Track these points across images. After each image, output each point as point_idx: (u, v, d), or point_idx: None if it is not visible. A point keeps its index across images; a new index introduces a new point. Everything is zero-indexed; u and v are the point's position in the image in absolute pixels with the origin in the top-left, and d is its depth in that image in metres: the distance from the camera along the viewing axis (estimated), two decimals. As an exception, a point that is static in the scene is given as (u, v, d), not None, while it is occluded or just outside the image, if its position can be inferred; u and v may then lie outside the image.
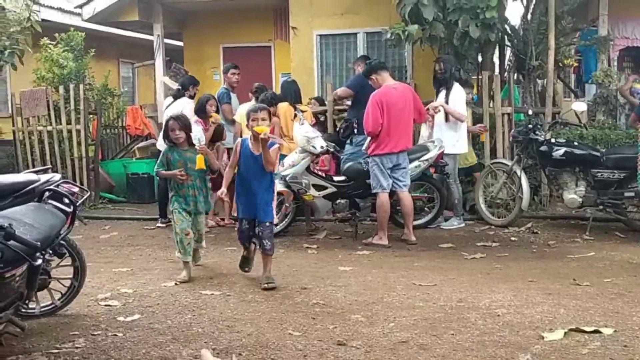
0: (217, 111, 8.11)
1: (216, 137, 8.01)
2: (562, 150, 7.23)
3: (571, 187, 7.27)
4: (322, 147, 7.09)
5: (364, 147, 7.13)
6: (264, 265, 5.25)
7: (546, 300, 4.54)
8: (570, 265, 5.83)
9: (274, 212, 5.31)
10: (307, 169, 7.20)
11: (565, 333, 3.82)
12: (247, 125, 5.28)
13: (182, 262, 5.54)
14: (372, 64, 7.16)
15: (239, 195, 5.30)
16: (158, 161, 5.73)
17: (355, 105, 7.98)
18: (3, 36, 9.59)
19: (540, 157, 7.45)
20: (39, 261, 3.64)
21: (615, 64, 10.27)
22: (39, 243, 3.50)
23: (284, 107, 7.75)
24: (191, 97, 8.48)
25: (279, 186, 7.18)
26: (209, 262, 6.21)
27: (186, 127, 5.61)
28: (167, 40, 12.28)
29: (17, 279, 3.57)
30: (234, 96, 8.82)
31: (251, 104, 7.92)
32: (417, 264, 5.97)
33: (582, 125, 8.42)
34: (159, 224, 8.24)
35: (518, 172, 7.55)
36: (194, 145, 5.69)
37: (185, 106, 8.09)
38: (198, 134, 6.96)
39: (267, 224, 5.20)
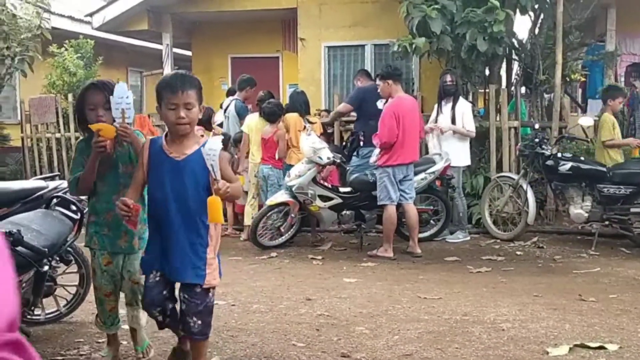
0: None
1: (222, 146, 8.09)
2: (569, 165, 7.22)
3: (577, 202, 7.25)
4: (328, 158, 7.10)
5: (371, 159, 7.11)
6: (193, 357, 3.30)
7: (551, 316, 4.53)
8: (576, 280, 5.81)
9: (214, 268, 3.18)
10: (313, 179, 7.22)
11: (570, 349, 3.80)
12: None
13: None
14: (393, 71, 6.92)
15: (149, 228, 3.23)
16: None
17: (361, 118, 8.02)
18: (13, 43, 9.69)
19: (546, 171, 7.45)
20: (46, 267, 3.67)
21: (622, 79, 10.28)
22: (46, 249, 3.53)
23: (293, 117, 7.79)
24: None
25: (284, 196, 7.21)
26: (213, 271, 6.20)
27: None
28: (175, 50, 12.36)
29: (24, 285, 3.59)
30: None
31: (257, 114, 7.98)
32: (422, 277, 5.96)
33: (589, 140, 8.42)
34: None
35: (524, 186, 7.55)
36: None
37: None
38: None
39: (198, 289, 3.10)
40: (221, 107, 9.31)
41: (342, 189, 7.47)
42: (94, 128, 3.13)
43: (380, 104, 7.33)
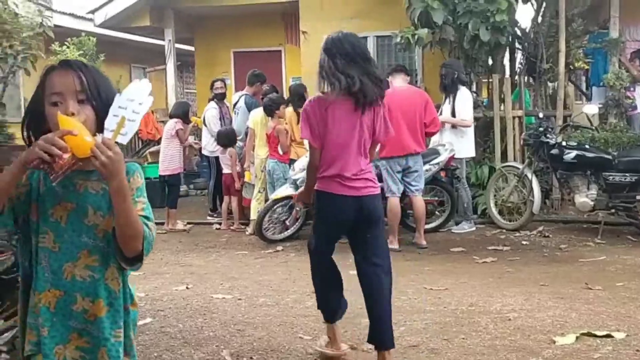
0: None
1: (229, 142, 8.16)
2: (574, 153, 7.20)
3: (583, 190, 7.23)
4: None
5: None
6: None
7: (558, 305, 4.53)
8: (582, 269, 5.80)
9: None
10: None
11: (577, 337, 3.81)
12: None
13: None
14: (392, 67, 7.36)
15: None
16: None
17: None
18: (16, 41, 9.69)
19: (551, 160, 7.43)
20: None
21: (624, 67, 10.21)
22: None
23: (289, 112, 7.79)
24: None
25: (289, 190, 7.21)
26: (219, 265, 6.23)
27: None
28: (178, 45, 12.35)
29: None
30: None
31: (261, 109, 7.97)
32: (427, 268, 5.96)
33: (594, 128, 8.38)
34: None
35: (529, 175, 7.53)
36: None
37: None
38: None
39: None
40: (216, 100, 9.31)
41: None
42: (62, 122, 1.70)
43: None
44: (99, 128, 1.84)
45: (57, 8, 12.53)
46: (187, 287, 5.32)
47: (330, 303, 3.80)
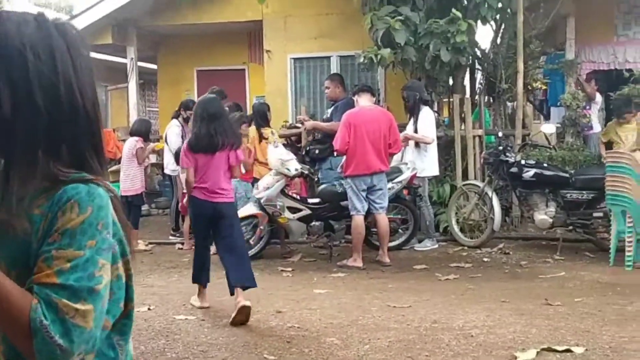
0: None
1: None
2: (532, 171, 7.35)
3: (542, 207, 7.38)
4: (296, 169, 7.11)
5: (338, 169, 7.21)
6: None
7: (519, 320, 4.60)
8: (542, 285, 5.91)
9: None
10: (282, 191, 7.21)
11: (538, 352, 3.87)
12: None
13: None
14: (358, 86, 7.58)
15: None
16: None
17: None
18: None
19: (511, 178, 7.56)
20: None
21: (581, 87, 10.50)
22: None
23: (252, 130, 7.79)
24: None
25: (253, 209, 7.19)
26: (182, 286, 6.15)
27: None
28: (141, 64, 12.26)
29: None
30: None
31: None
32: (391, 286, 5.99)
33: (552, 147, 8.59)
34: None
35: (489, 193, 7.65)
36: None
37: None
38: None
39: None
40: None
41: (310, 200, 7.48)
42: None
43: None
44: None
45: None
46: (148, 309, 5.24)
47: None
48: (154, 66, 13.11)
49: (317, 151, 8.23)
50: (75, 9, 18.91)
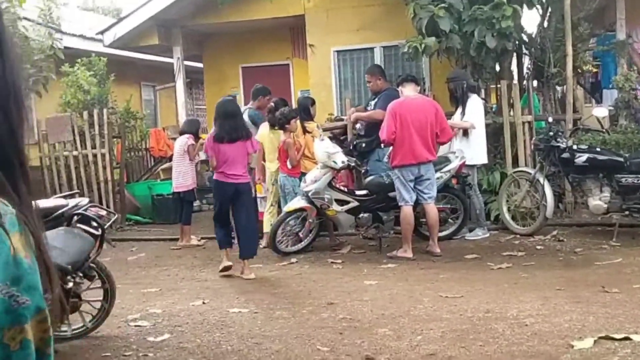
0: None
1: None
2: (585, 156, 7.18)
3: (596, 193, 7.20)
4: (343, 162, 7.13)
5: (384, 159, 7.19)
6: None
7: (575, 309, 4.51)
8: (598, 272, 5.78)
9: None
10: (329, 184, 7.24)
11: (595, 341, 3.79)
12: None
13: None
14: (402, 76, 7.45)
15: None
16: None
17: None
18: (27, 64, 9.83)
19: (562, 164, 7.41)
20: (70, 284, 3.73)
21: (635, 67, 10.18)
22: (69, 266, 3.59)
23: (297, 124, 7.83)
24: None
25: (302, 202, 7.24)
26: (235, 280, 6.26)
27: None
28: (187, 63, 12.46)
29: (49, 302, 3.65)
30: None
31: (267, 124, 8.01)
32: (442, 276, 5.96)
33: (605, 130, 8.35)
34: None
35: (541, 180, 7.51)
36: None
37: None
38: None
39: None
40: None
41: (358, 192, 7.48)
42: None
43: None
44: None
45: (66, 30, 12.69)
46: (203, 302, 5.35)
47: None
48: (200, 65, 13.31)
49: (363, 144, 8.23)
50: (123, 11, 19.29)
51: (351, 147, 8.33)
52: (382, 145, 7.48)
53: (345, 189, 7.53)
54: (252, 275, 6.25)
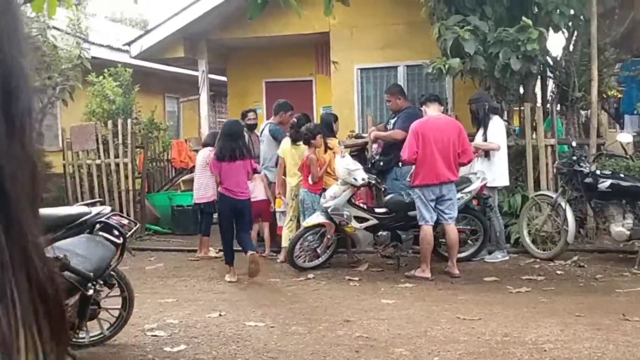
0: None
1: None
2: (608, 182, 7.11)
3: (618, 219, 7.12)
4: (363, 179, 7.13)
5: (406, 179, 7.18)
6: None
7: (595, 336, 4.45)
8: (619, 299, 5.70)
9: None
10: (349, 200, 7.24)
11: (615, 369, 3.74)
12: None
13: None
14: (426, 96, 7.46)
15: None
16: None
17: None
18: (54, 73, 10.00)
19: (585, 189, 7.34)
20: (91, 291, 3.77)
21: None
22: (91, 274, 3.63)
23: (320, 140, 7.85)
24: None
25: (321, 218, 7.25)
26: (251, 293, 6.26)
27: None
28: (211, 76, 12.58)
29: (69, 308, 3.69)
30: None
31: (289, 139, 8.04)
32: (461, 298, 5.91)
33: (629, 156, 8.28)
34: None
35: (563, 204, 7.44)
36: None
37: None
38: None
39: None
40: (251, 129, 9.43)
41: (377, 210, 7.47)
42: None
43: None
44: None
45: (94, 40, 12.89)
46: (220, 314, 5.36)
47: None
48: (224, 78, 13.43)
49: (381, 163, 8.24)
50: (150, 24, 19.58)
51: (369, 165, 8.33)
52: (401, 164, 7.48)
53: (365, 207, 7.53)
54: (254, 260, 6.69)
